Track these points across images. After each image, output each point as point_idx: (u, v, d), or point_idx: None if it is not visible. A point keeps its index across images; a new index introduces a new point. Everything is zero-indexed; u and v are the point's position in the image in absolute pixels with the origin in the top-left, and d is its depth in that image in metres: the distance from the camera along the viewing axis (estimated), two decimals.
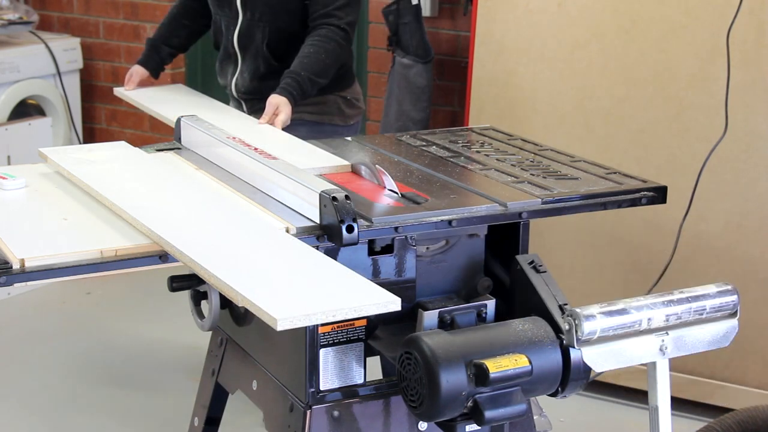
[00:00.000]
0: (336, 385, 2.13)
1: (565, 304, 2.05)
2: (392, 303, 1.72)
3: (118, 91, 3.40)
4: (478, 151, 2.72)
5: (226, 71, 3.31)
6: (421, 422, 2.19)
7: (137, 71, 3.38)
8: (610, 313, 1.91)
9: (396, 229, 2.10)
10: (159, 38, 3.39)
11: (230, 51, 3.24)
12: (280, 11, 3.12)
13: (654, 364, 1.99)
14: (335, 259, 2.01)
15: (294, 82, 3.00)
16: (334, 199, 2.02)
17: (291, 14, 3.12)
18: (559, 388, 2.00)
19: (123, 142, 2.64)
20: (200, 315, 2.34)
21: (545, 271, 2.13)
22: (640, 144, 3.44)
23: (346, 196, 2.03)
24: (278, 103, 2.96)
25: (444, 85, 4.46)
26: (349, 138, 2.88)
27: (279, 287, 1.75)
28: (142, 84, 3.39)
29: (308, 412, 2.11)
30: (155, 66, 3.41)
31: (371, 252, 2.16)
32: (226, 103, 3.33)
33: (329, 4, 3.07)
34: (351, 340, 2.13)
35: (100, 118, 5.47)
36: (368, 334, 2.15)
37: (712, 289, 2.02)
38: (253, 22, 3.13)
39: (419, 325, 2.11)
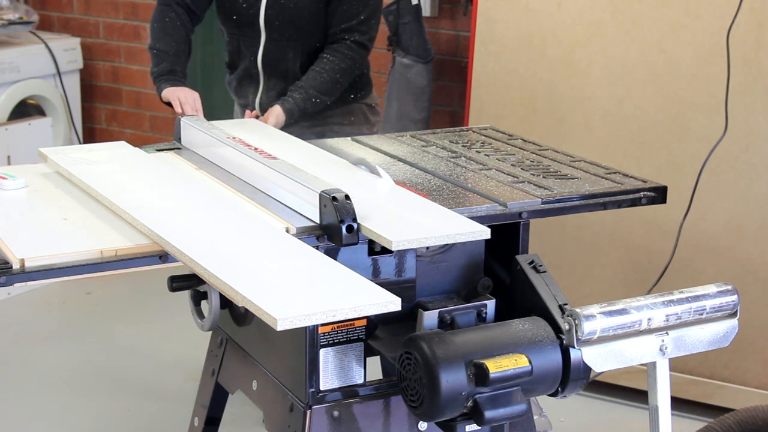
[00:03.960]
0: (336, 385, 2.13)
1: (565, 304, 2.05)
2: (392, 303, 1.72)
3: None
4: (478, 151, 2.72)
5: (247, 91, 3.21)
6: (421, 422, 2.19)
7: (195, 97, 2.97)
8: (610, 313, 1.91)
9: None
10: (174, 57, 3.05)
11: (252, 71, 3.15)
12: (310, 30, 3.04)
13: (654, 364, 1.99)
14: (335, 259, 2.01)
15: (301, 100, 2.95)
16: (334, 199, 2.02)
17: (320, 32, 3.05)
18: (559, 388, 2.00)
19: (123, 142, 2.64)
20: (200, 315, 2.34)
21: (545, 271, 2.13)
22: (640, 144, 3.44)
23: (346, 196, 2.03)
24: (277, 115, 2.93)
25: (444, 85, 4.46)
26: (349, 138, 2.88)
27: (279, 287, 1.75)
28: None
29: (308, 412, 2.11)
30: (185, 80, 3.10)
31: (371, 252, 2.16)
32: (230, 114, 3.27)
33: (352, 18, 2.99)
34: (351, 340, 2.13)
35: (100, 118, 5.47)
36: (368, 334, 2.15)
37: (712, 289, 2.02)
38: (282, 43, 3.05)
39: (419, 325, 2.11)
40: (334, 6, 3.01)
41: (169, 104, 3.01)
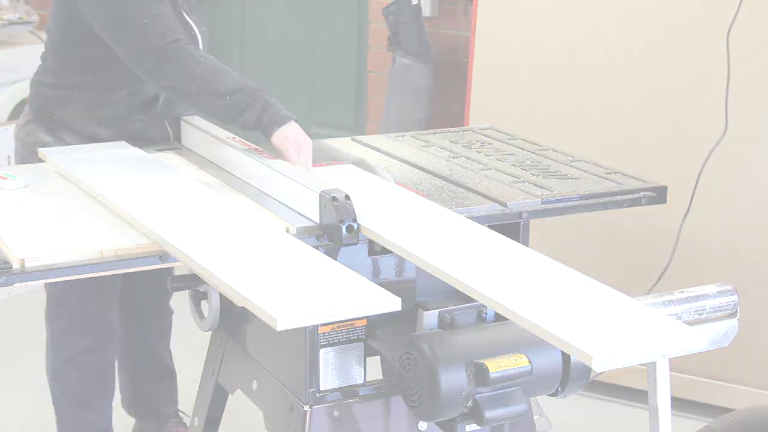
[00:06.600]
0: (336, 385, 2.13)
1: None
2: (392, 303, 1.72)
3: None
4: (478, 151, 2.73)
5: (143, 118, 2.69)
6: (421, 422, 2.19)
7: (310, 143, 2.40)
8: None
9: None
10: (257, 90, 2.39)
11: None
12: None
13: (654, 364, 1.99)
14: (335, 259, 2.01)
15: None
16: (334, 199, 2.02)
17: None
18: (559, 388, 1.99)
19: (123, 142, 2.63)
20: (200, 315, 2.34)
21: None
22: (640, 144, 3.44)
23: (346, 196, 2.03)
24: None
25: (444, 85, 4.46)
26: (349, 138, 2.88)
27: (279, 287, 1.75)
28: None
29: (308, 412, 2.11)
30: None
31: (371, 252, 2.16)
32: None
33: None
34: (351, 340, 2.13)
35: None
36: (368, 334, 2.15)
37: (712, 289, 2.02)
38: None
39: (419, 325, 2.11)
40: None
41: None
